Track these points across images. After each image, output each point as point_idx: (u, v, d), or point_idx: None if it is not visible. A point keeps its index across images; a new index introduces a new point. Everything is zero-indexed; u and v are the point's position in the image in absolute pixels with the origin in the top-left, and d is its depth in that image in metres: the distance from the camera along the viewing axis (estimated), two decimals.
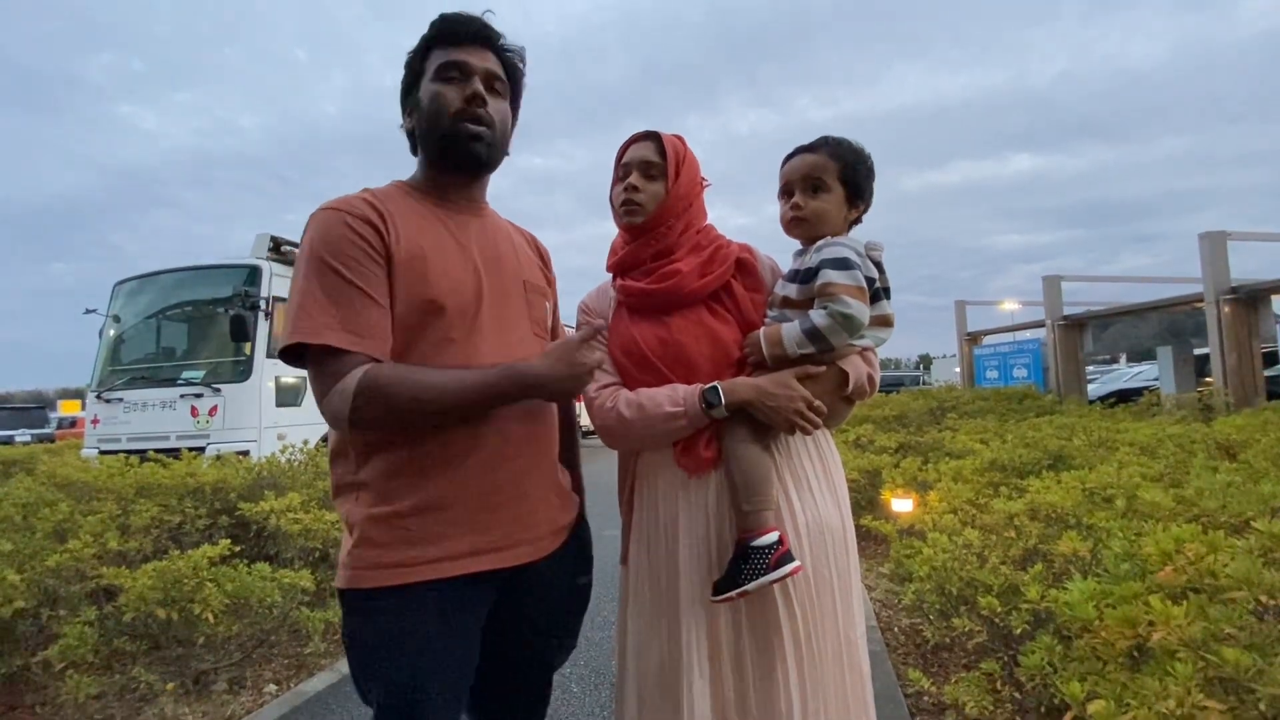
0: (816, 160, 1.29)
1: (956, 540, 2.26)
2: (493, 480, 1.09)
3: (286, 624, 2.77)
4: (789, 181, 1.32)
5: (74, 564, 2.52)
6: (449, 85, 1.14)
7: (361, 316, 1.02)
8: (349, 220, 1.05)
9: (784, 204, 1.33)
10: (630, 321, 1.32)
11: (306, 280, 1.03)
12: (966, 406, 8.45)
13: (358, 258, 1.03)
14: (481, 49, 1.17)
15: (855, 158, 1.30)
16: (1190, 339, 10.80)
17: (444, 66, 1.14)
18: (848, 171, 1.29)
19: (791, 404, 1.19)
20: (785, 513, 1.21)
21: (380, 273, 1.05)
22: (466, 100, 1.13)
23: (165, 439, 6.36)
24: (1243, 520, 1.62)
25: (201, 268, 7.35)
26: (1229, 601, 1.07)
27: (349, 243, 1.03)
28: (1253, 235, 9.76)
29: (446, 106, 1.13)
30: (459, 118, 1.13)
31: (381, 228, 1.06)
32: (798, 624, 1.17)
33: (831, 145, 1.30)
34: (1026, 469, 3.50)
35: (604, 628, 3.18)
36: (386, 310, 1.05)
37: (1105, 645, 1.14)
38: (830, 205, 1.29)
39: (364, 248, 1.04)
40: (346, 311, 1.01)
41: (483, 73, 1.16)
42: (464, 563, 1.07)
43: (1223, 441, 3.66)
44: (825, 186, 1.29)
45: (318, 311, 1.01)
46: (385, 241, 1.06)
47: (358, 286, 1.02)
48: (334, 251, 1.03)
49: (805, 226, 1.30)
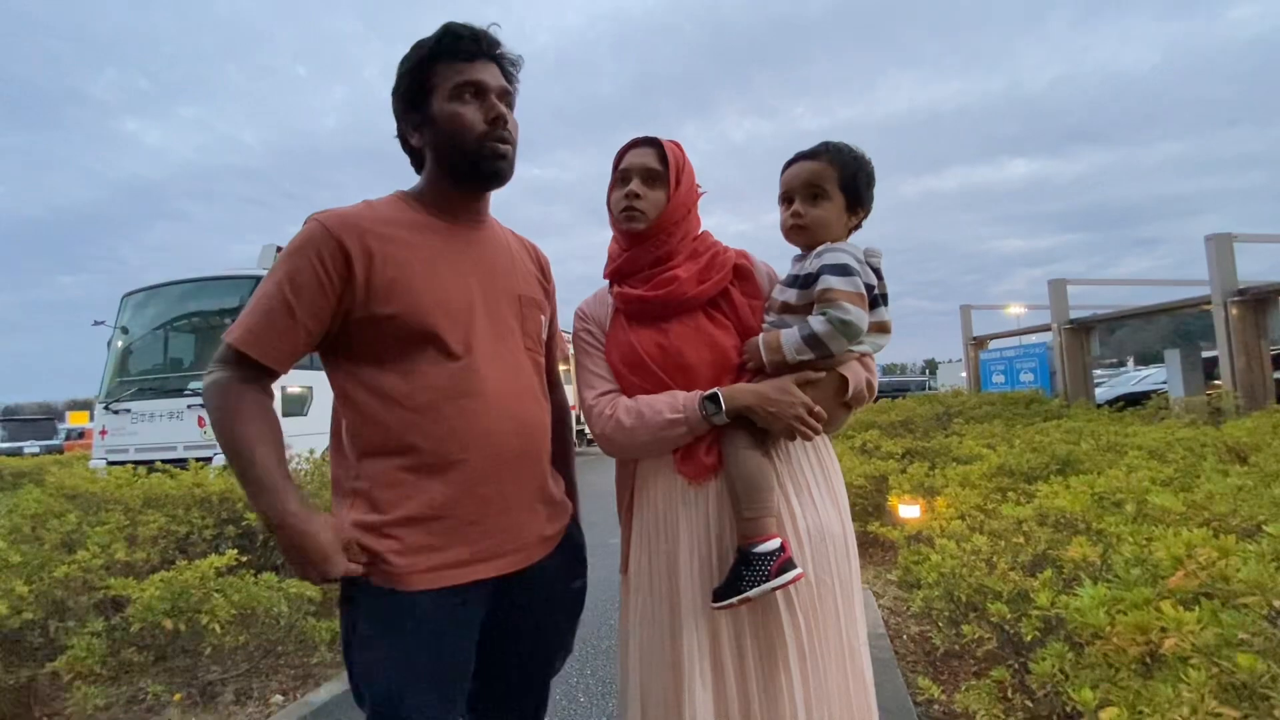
0: (817, 167, 1.29)
1: (965, 546, 2.24)
2: (480, 493, 1.11)
3: (293, 634, 2.76)
4: (789, 188, 1.32)
5: (82, 575, 2.53)
6: (468, 106, 1.14)
7: (284, 344, 1.07)
8: (320, 240, 1.08)
9: (784, 211, 1.32)
10: (629, 328, 1.32)
11: (265, 293, 1.09)
12: (973, 411, 8.41)
13: (306, 281, 1.07)
14: (489, 63, 1.17)
15: (856, 164, 1.29)
16: (1198, 341, 10.73)
17: (460, 87, 1.14)
18: (848, 178, 1.28)
19: (791, 410, 1.18)
20: (786, 519, 1.21)
21: (325, 300, 1.08)
22: (490, 122, 1.14)
23: (173, 449, 6.40)
24: (1255, 524, 1.61)
25: (208, 279, 7.41)
26: (1242, 607, 1.06)
27: (310, 269, 1.07)
28: (1259, 237, 9.71)
29: (470, 128, 1.13)
30: (485, 139, 1.14)
31: (355, 254, 1.08)
32: (801, 631, 1.17)
33: (832, 152, 1.30)
34: (1034, 474, 3.48)
35: (610, 636, 3.17)
36: (307, 335, 1.09)
37: (1117, 652, 1.13)
38: (830, 213, 1.29)
39: (318, 272, 1.07)
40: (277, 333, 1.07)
41: (498, 90, 1.16)
42: (451, 573, 1.08)
43: (1233, 445, 3.63)
44: (825, 194, 1.28)
45: (254, 322, 1.07)
46: (354, 268, 1.08)
47: (295, 315, 1.07)
48: (293, 275, 1.07)
49: (806, 234, 1.30)
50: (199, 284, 7.43)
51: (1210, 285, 8.74)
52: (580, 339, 1.41)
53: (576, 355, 1.41)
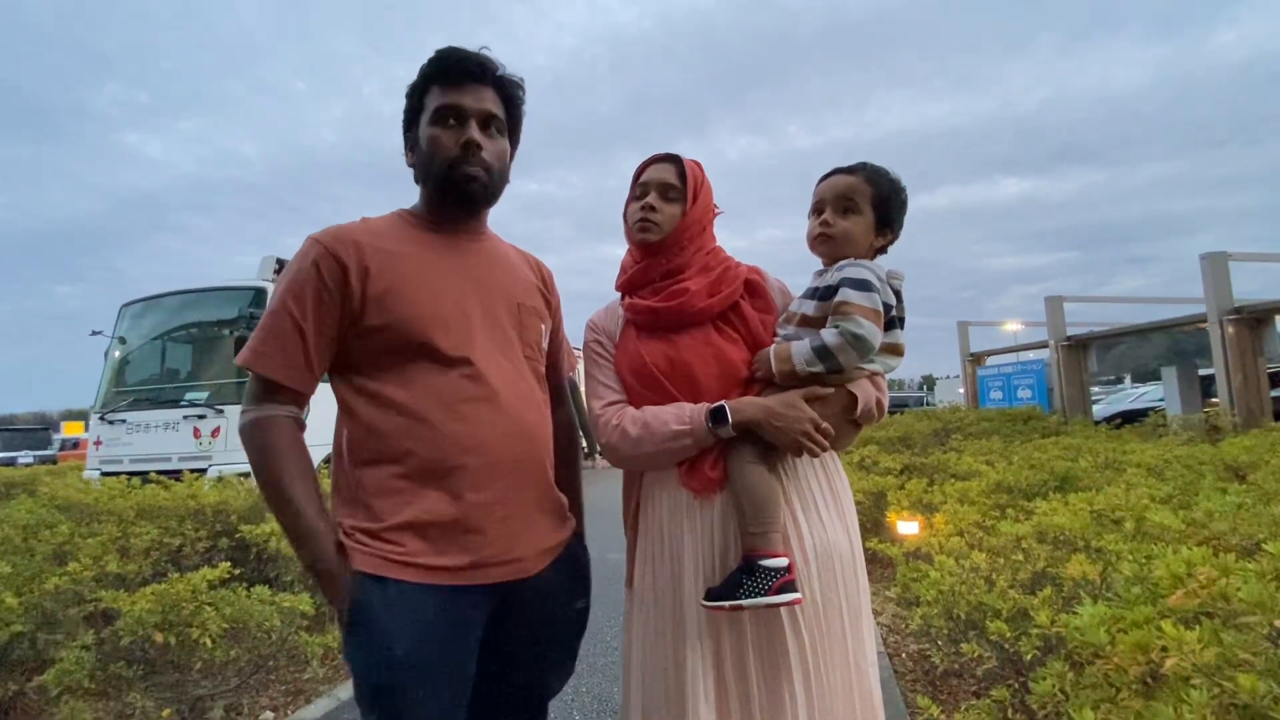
0: (852, 182, 1.30)
1: (964, 563, 2.23)
2: (479, 500, 1.10)
3: (285, 649, 2.73)
4: (821, 199, 1.32)
5: (72, 587, 2.50)
6: (445, 130, 1.16)
7: (294, 355, 1.10)
8: (317, 257, 1.11)
9: (813, 220, 1.33)
10: (638, 340, 1.33)
11: (271, 311, 1.12)
12: (971, 428, 8.40)
13: (310, 298, 1.10)
14: (479, 87, 1.18)
15: (890, 187, 1.30)
16: (1195, 359, 10.77)
17: (441, 111, 1.16)
18: (880, 199, 1.29)
19: (799, 425, 1.18)
20: (792, 536, 1.20)
21: (329, 314, 1.11)
22: (462, 147, 1.16)
23: (167, 460, 6.36)
24: (1254, 543, 1.60)
25: (207, 290, 7.42)
26: (1243, 626, 1.05)
27: (309, 281, 1.10)
28: (1253, 256, 9.78)
29: (443, 152, 1.16)
30: (455, 165, 1.16)
31: (352, 267, 1.11)
32: (806, 651, 1.15)
33: (869, 171, 1.31)
34: (1033, 491, 3.47)
35: (607, 653, 3.14)
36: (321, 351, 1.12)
37: (1118, 671, 1.12)
38: (858, 228, 1.29)
39: (319, 289, 1.10)
40: (284, 349, 1.10)
41: (479, 115, 1.18)
42: (449, 576, 1.08)
43: (1231, 463, 3.63)
44: (856, 209, 1.29)
45: (259, 340, 1.10)
46: (349, 281, 1.10)
47: (302, 330, 1.10)
48: (296, 293, 1.10)
49: (831, 245, 1.30)
50: (198, 295, 7.43)
51: (1206, 304, 8.79)
52: (590, 350, 1.41)
53: (586, 366, 1.42)
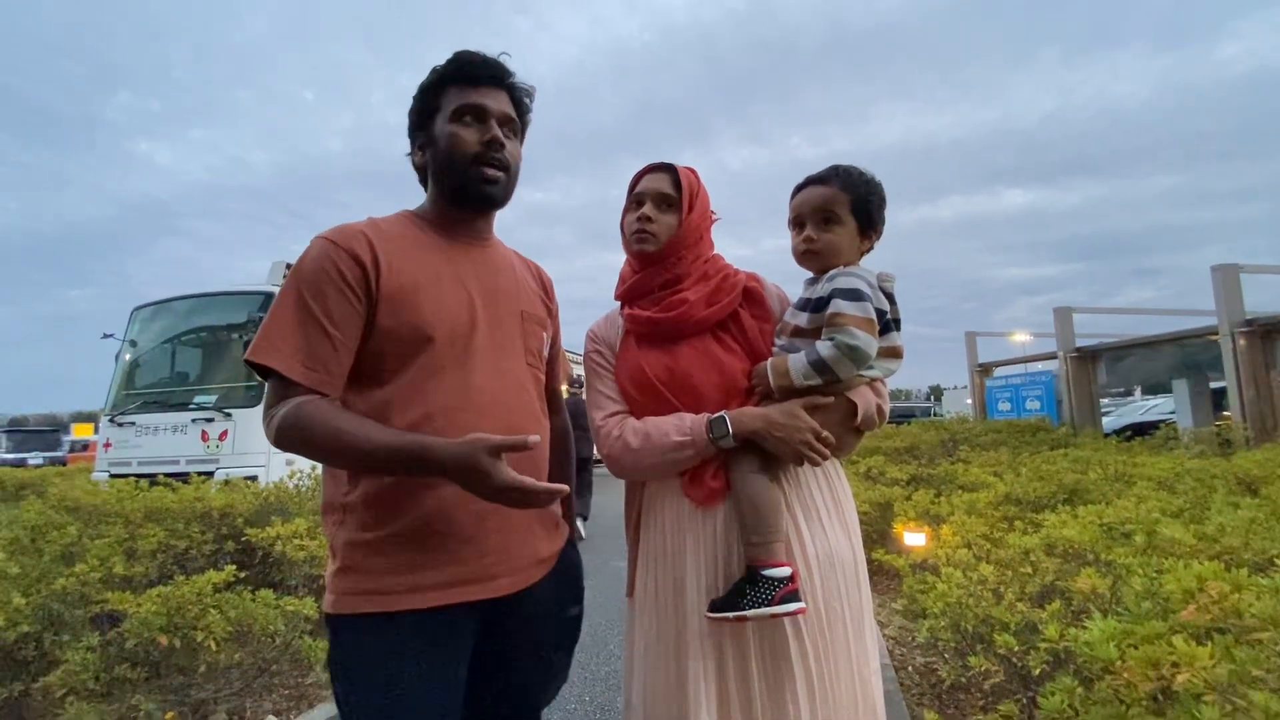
0: (828, 192, 1.29)
1: (971, 576, 2.21)
2: (475, 508, 1.08)
3: (288, 653, 2.73)
4: (800, 213, 1.32)
5: (79, 588, 2.51)
6: (467, 128, 1.16)
7: (318, 351, 1.04)
8: (334, 255, 1.07)
9: (795, 235, 1.33)
10: (638, 350, 1.33)
11: (281, 305, 1.06)
12: (979, 439, 8.35)
13: (332, 294, 1.05)
14: (497, 90, 1.19)
15: (867, 189, 1.30)
16: (1206, 372, 10.66)
17: (461, 109, 1.16)
18: (859, 203, 1.29)
19: (799, 434, 1.17)
20: (795, 545, 1.19)
21: (352, 311, 1.06)
22: (485, 144, 1.16)
23: (175, 463, 6.40)
24: (1266, 558, 1.58)
25: (218, 294, 7.47)
26: (1255, 642, 1.04)
27: (328, 278, 1.06)
28: (1264, 268, 9.70)
29: (465, 149, 1.15)
30: (477, 162, 1.16)
31: (368, 263, 1.08)
32: (809, 661, 1.14)
33: (843, 176, 1.30)
34: (1041, 503, 3.44)
35: (608, 661, 3.12)
36: (348, 349, 1.06)
37: (1128, 687, 1.11)
38: (843, 237, 1.29)
39: (340, 286, 1.05)
40: (305, 343, 1.04)
41: (500, 116, 1.18)
42: (442, 593, 1.06)
43: (1243, 477, 3.59)
44: (837, 219, 1.28)
45: (278, 336, 1.04)
46: (368, 277, 1.07)
47: (322, 323, 1.04)
48: (312, 285, 1.05)
49: (818, 259, 1.30)
50: (208, 299, 7.49)
51: (1217, 316, 8.71)
52: (591, 360, 1.41)
53: (587, 376, 1.41)
